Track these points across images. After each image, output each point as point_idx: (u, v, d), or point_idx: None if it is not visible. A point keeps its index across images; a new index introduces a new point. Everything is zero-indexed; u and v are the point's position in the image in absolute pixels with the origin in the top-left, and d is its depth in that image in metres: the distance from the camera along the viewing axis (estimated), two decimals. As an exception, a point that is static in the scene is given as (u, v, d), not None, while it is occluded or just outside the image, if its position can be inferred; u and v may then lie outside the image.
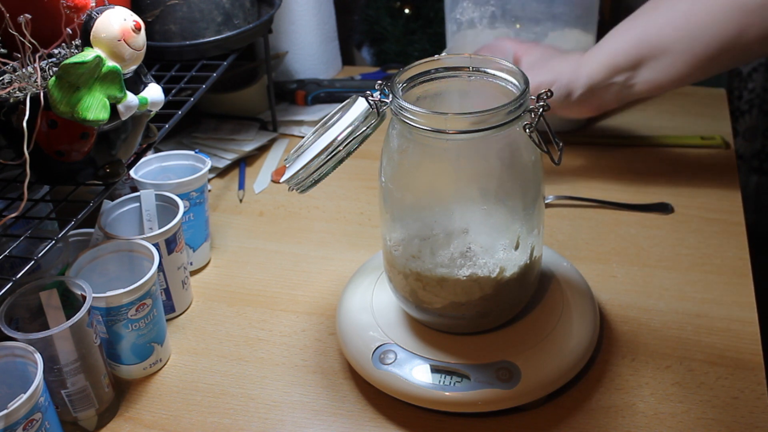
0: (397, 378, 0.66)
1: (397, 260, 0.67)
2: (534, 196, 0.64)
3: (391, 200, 0.65)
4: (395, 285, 0.69)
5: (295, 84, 1.19)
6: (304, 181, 0.63)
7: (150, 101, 0.66)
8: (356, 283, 0.76)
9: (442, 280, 0.64)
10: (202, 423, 0.68)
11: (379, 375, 0.67)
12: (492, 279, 0.64)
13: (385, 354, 0.67)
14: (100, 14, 0.62)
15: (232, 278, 0.86)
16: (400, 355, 0.67)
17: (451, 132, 0.58)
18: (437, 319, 0.68)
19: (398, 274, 0.67)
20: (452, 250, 0.64)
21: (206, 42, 0.94)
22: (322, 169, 0.63)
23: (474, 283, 0.64)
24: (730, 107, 1.15)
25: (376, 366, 0.67)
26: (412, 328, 0.69)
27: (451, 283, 0.64)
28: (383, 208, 0.67)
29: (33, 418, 0.57)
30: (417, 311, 0.68)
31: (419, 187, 0.64)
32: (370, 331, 0.70)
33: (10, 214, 0.63)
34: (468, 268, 0.64)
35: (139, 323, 0.70)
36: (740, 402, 0.66)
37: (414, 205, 0.65)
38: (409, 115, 0.60)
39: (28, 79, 0.63)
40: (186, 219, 0.83)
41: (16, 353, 0.60)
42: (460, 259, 0.63)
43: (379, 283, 0.75)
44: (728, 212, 0.89)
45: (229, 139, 1.08)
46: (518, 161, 0.62)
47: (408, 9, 1.27)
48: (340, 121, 0.62)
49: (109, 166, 0.68)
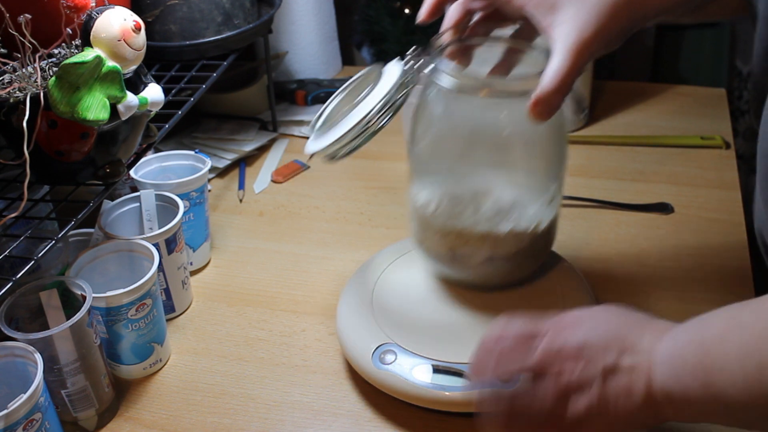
0: (398, 378, 0.66)
1: (434, 221, 0.69)
2: (565, 152, 0.68)
3: (429, 164, 0.68)
4: (429, 246, 0.71)
5: (295, 84, 1.19)
6: (338, 151, 0.65)
7: (150, 101, 0.66)
8: (356, 283, 0.76)
9: (483, 236, 0.67)
10: (202, 423, 0.68)
11: (379, 375, 0.67)
12: (529, 233, 0.68)
13: (385, 354, 0.67)
14: (100, 14, 0.62)
15: (232, 278, 0.86)
16: (400, 354, 0.67)
17: (493, 93, 0.61)
18: (471, 275, 0.71)
19: (435, 234, 0.69)
20: (493, 206, 0.67)
21: (206, 42, 0.94)
22: (356, 141, 0.63)
23: (513, 237, 0.67)
24: (730, 107, 1.14)
25: (376, 366, 0.67)
26: (412, 328, 0.69)
27: (492, 239, 0.67)
28: (417, 173, 0.69)
29: (33, 418, 0.57)
30: (453, 269, 0.71)
31: (460, 149, 0.66)
32: (369, 330, 0.70)
33: (10, 214, 0.63)
34: (509, 223, 0.67)
35: (139, 323, 0.70)
36: (740, 402, 0.65)
37: (455, 167, 0.68)
38: (450, 78, 0.62)
39: (28, 79, 0.63)
40: (186, 219, 0.83)
41: (16, 353, 0.60)
42: (500, 215, 0.66)
43: (379, 282, 0.75)
44: (728, 212, 0.89)
45: (229, 139, 1.08)
46: (555, 121, 0.63)
47: (408, 9, 1.27)
48: (374, 92, 0.63)
49: (109, 166, 0.68)
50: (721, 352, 0.47)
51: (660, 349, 0.51)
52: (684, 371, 0.49)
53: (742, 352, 0.46)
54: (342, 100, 0.66)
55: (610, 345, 0.52)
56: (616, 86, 1.19)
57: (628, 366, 0.51)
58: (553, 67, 0.57)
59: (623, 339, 0.52)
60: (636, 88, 1.18)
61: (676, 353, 0.50)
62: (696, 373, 0.48)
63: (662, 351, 0.51)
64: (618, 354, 0.52)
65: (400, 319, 0.70)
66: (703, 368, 0.48)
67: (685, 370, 0.49)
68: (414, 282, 0.75)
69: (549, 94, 0.56)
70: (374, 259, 0.79)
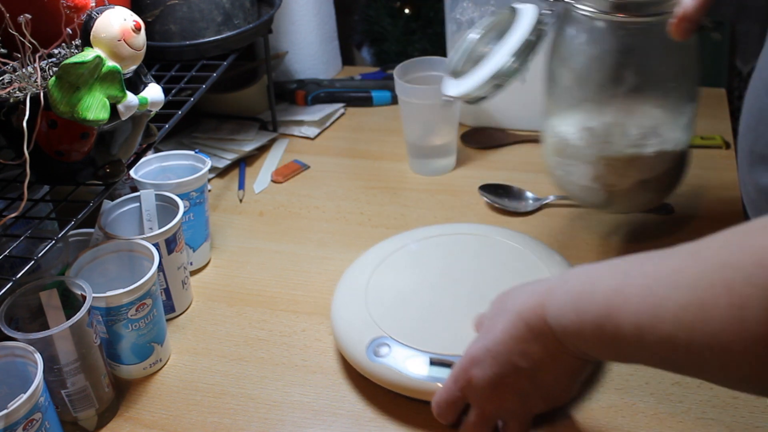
0: (392, 370, 0.67)
1: (581, 152, 0.73)
2: (698, 74, 0.72)
3: (572, 95, 0.73)
4: (576, 180, 0.75)
5: (295, 84, 1.19)
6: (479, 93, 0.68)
7: (150, 101, 0.66)
8: (350, 278, 0.77)
9: (631, 159, 0.71)
10: (202, 423, 0.68)
11: (373, 368, 0.68)
12: (673, 153, 0.72)
13: (379, 347, 0.68)
14: (100, 14, 0.62)
15: (232, 278, 0.86)
16: (394, 347, 0.68)
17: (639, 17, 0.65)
18: (617, 203, 0.75)
19: (582, 165, 0.73)
20: (638, 130, 0.70)
21: (206, 42, 0.94)
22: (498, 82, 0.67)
23: (659, 158, 0.71)
24: (730, 107, 1.14)
25: (371, 359, 0.68)
26: (406, 321, 0.70)
27: (639, 161, 0.71)
28: (558, 107, 0.73)
29: (33, 418, 0.57)
30: (599, 198, 0.75)
31: (603, 76, 0.70)
32: (364, 324, 0.70)
33: (10, 214, 0.63)
34: (655, 145, 0.70)
35: (139, 323, 0.70)
36: (740, 402, 0.66)
37: (598, 95, 0.72)
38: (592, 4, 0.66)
39: (28, 79, 0.63)
40: (186, 219, 0.83)
41: (16, 353, 0.60)
42: (646, 138, 0.70)
43: (373, 276, 0.76)
44: (728, 212, 0.89)
45: (229, 139, 1.08)
46: (689, 41, 0.66)
47: (408, 9, 1.27)
48: (512, 31, 0.66)
49: (109, 166, 0.68)
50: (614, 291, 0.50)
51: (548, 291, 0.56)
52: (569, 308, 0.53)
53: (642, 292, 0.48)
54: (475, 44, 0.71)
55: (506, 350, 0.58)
56: (616, 86, 1.19)
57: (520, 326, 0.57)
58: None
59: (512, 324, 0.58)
60: (636, 88, 1.18)
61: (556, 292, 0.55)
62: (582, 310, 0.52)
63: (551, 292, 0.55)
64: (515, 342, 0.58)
65: (394, 313, 0.71)
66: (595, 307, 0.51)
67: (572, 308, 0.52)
68: (408, 276, 0.76)
69: (692, 10, 0.61)
70: (369, 254, 0.79)
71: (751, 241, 0.43)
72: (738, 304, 0.41)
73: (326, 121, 1.15)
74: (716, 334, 0.42)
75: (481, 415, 0.62)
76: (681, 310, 0.44)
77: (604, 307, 0.50)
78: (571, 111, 0.73)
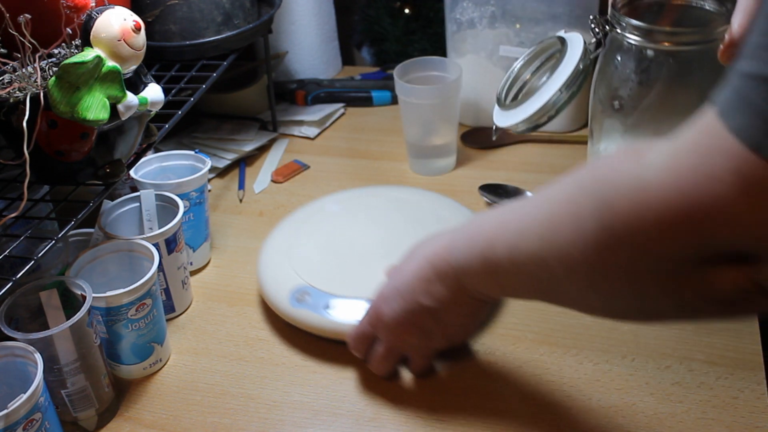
0: (311, 315, 0.74)
1: None
2: None
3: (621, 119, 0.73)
4: None
5: (295, 84, 1.19)
6: (529, 124, 0.67)
7: (150, 101, 0.66)
8: (276, 235, 0.84)
9: None
10: (202, 423, 0.68)
11: (294, 313, 0.74)
12: None
13: (301, 294, 0.75)
14: (100, 14, 0.62)
15: (232, 278, 0.86)
16: (314, 294, 0.75)
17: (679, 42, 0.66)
18: None
19: None
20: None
21: (206, 42, 0.94)
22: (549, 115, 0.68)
23: None
24: (730, 107, 1.14)
25: (293, 305, 0.74)
26: (324, 271, 0.78)
27: None
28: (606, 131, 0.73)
29: (33, 418, 0.57)
30: None
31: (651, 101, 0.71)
32: (286, 275, 0.77)
33: (10, 214, 0.63)
34: None
35: (139, 323, 0.70)
36: (740, 402, 0.66)
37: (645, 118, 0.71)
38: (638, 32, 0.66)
39: (28, 79, 0.63)
40: (186, 219, 0.83)
41: (16, 353, 0.60)
42: None
43: (296, 235, 0.83)
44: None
45: (229, 139, 1.08)
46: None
47: (408, 9, 1.27)
48: (562, 66, 0.66)
49: (109, 166, 0.68)
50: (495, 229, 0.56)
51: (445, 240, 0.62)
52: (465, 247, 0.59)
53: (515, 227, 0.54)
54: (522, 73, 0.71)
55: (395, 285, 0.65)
56: (616, 86, 1.19)
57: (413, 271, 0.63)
58: (741, 8, 0.59)
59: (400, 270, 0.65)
60: (636, 88, 1.18)
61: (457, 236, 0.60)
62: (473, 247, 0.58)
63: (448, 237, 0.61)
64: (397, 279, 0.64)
65: (313, 264, 0.79)
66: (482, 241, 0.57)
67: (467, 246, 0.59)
68: (327, 232, 0.84)
69: (740, 36, 0.59)
70: (291, 217, 0.87)
71: (595, 163, 0.49)
72: (576, 213, 0.47)
73: (326, 121, 1.15)
74: (562, 245, 0.48)
75: (387, 349, 0.68)
76: (540, 226, 0.51)
77: (487, 240, 0.56)
78: (620, 137, 0.73)
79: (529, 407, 0.67)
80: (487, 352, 0.73)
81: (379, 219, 0.85)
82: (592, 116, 0.74)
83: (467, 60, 1.05)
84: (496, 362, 0.72)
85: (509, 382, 0.70)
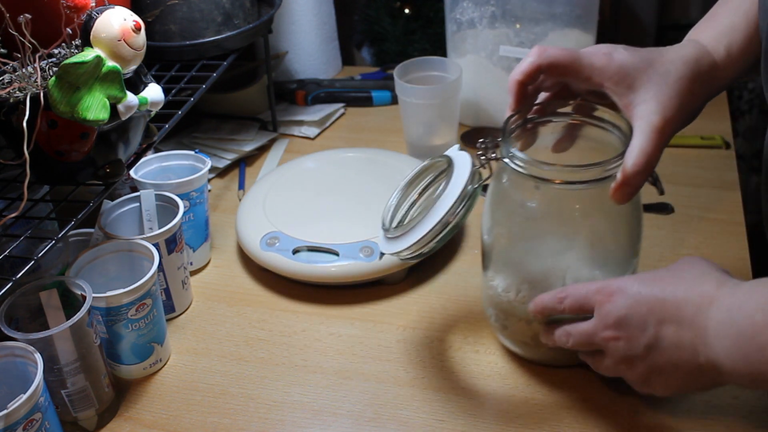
0: (280, 258, 0.80)
1: (518, 308, 0.67)
2: (641, 226, 0.66)
3: (507, 250, 0.67)
4: (513, 333, 0.70)
5: (295, 84, 1.19)
6: (416, 252, 0.62)
7: (150, 101, 0.66)
8: (255, 187, 0.91)
9: (570, 320, 0.63)
10: (202, 423, 0.68)
11: (265, 256, 0.81)
12: None
13: (271, 240, 0.82)
14: (100, 14, 0.62)
15: (232, 278, 0.86)
16: (283, 239, 0.82)
17: (572, 181, 0.59)
18: (558, 358, 0.69)
19: (519, 321, 0.68)
20: None
21: (206, 42, 0.94)
22: (437, 242, 0.61)
23: None
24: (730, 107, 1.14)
25: (263, 249, 0.81)
26: (293, 220, 0.85)
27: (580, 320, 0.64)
28: (497, 264, 0.68)
29: (33, 418, 0.57)
30: (537, 353, 0.70)
31: (538, 233, 0.64)
32: (259, 222, 0.85)
33: (10, 214, 0.63)
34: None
35: (139, 323, 0.70)
36: (740, 402, 0.66)
37: (533, 251, 0.66)
38: (526, 167, 0.60)
39: (28, 79, 0.63)
40: (186, 219, 0.83)
41: (16, 353, 0.60)
42: None
43: (272, 188, 0.90)
44: (728, 212, 0.89)
45: (229, 139, 1.08)
46: (636, 204, 0.63)
47: (408, 9, 1.27)
48: (448, 190, 0.60)
49: (109, 166, 0.68)
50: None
51: (713, 321, 0.53)
52: (733, 349, 0.52)
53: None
54: (404, 193, 0.67)
55: (646, 319, 0.56)
56: (616, 86, 1.19)
57: (671, 337, 0.55)
58: (636, 147, 0.57)
59: (662, 306, 0.55)
60: (636, 88, 1.18)
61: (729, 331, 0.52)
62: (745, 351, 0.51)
63: (716, 325, 0.53)
64: (656, 327, 0.55)
65: (284, 214, 0.86)
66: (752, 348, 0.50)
67: (735, 347, 0.52)
68: (301, 187, 0.91)
69: (633, 175, 0.56)
70: (271, 174, 0.94)
71: None
72: None
73: (326, 121, 1.15)
74: None
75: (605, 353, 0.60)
76: None
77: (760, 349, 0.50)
78: (505, 264, 0.67)
79: (529, 407, 0.67)
80: (486, 352, 0.73)
81: (352, 177, 0.92)
82: (481, 239, 0.69)
83: (467, 60, 1.05)
84: (496, 362, 0.72)
85: (509, 382, 0.70)
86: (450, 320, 0.77)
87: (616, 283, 0.59)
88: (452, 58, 1.07)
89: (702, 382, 0.56)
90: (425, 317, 0.78)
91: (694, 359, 0.54)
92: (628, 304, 0.57)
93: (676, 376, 0.57)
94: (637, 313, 0.56)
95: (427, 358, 0.73)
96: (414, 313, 0.79)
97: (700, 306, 0.54)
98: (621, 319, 0.57)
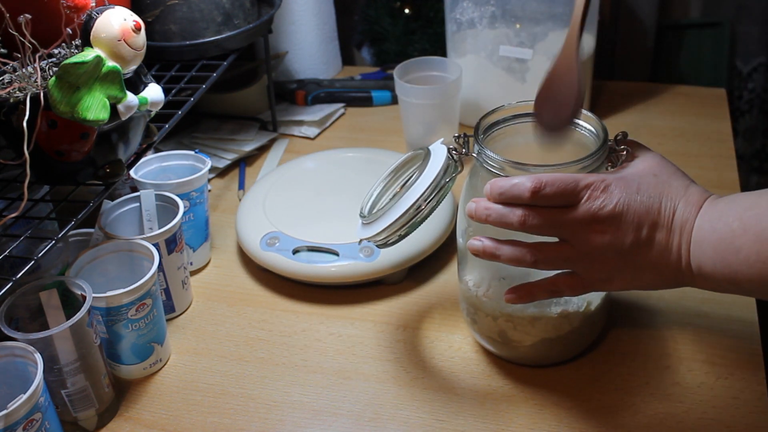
0: (280, 258, 0.80)
1: (486, 304, 0.68)
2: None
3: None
4: (481, 327, 0.71)
5: (295, 84, 1.19)
6: (389, 237, 0.65)
7: (150, 101, 0.66)
8: (255, 187, 0.91)
9: (534, 319, 0.67)
10: (202, 423, 0.68)
11: (265, 256, 0.81)
12: (580, 313, 0.67)
13: (271, 240, 0.82)
14: (100, 14, 0.62)
15: (232, 278, 0.86)
16: (283, 239, 0.82)
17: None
18: (522, 356, 0.70)
19: (486, 317, 0.69)
20: None
21: (206, 42, 0.94)
22: (408, 227, 0.64)
23: (564, 319, 0.67)
24: (730, 107, 1.14)
25: (263, 249, 0.81)
26: (293, 220, 0.85)
27: (543, 321, 0.67)
28: (472, 261, 0.69)
29: (33, 418, 0.57)
30: (503, 350, 0.71)
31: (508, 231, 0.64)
32: (259, 222, 0.85)
33: (10, 214, 0.63)
34: (559, 306, 0.66)
35: (139, 323, 0.70)
36: (740, 402, 0.66)
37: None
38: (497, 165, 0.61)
39: (28, 79, 0.63)
40: (186, 219, 0.83)
41: (16, 353, 0.60)
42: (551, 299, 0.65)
43: (272, 189, 0.90)
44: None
45: (229, 139, 1.08)
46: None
47: (408, 9, 1.27)
48: (421, 178, 0.63)
49: (109, 166, 0.68)
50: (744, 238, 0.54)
51: (697, 229, 0.57)
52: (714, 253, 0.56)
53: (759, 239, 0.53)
54: (387, 184, 0.69)
55: (642, 220, 0.57)
56: (616, 86, 1.19)
57: (661, 240, 0.58)
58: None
59: (657, 211, 0.58)
60: (636, 88, 1.18)
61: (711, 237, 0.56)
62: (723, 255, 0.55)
63: (699, 232, 0.57)
64: (649, 229, 0.58)
65: (284, 214, 0.86)
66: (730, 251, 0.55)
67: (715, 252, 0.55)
68: (301, 187, 0.91)
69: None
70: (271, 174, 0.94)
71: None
72: None
73: (326, 121, 1.15)
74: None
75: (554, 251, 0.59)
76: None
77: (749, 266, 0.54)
78: (481, 263, 0.68)
79: (529, 407, 0.67)
80: (485, 352, 0.73)
81: (352, 177, 0.92)
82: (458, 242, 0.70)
83: (467, 60, 1.05)
84: (495, 362, 0.72)
85: (509, 382, 0.70)
86: (450, 320, 0.77)
87: (609, 178, 0.58)
88: (452, 58, 1.07)
89: (671, 283, 0.60)
90: (425, 317, 0.78)
91: (677, 263, 0.58)
92: (627, 202, 0.57)
93: (650, 275, 0.59)
94: (635, 212, 0.57)
95: (427, 358, 0.73)
96: (414, 313, 0.79)
97: (689, 216, 0.58)
98: (616, 215, 0.57)
